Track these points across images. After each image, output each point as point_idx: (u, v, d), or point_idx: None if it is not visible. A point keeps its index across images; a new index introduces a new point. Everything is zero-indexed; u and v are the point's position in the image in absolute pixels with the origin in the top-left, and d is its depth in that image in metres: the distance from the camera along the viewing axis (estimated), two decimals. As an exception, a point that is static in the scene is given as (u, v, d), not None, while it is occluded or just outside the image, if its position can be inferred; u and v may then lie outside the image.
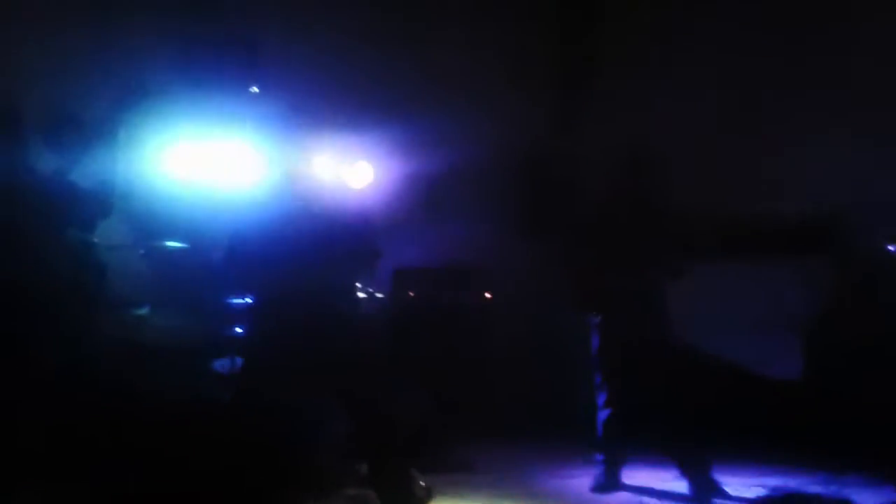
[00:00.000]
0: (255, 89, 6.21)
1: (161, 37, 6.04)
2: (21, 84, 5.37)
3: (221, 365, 4.98)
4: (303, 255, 3.73)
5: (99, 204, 4.15)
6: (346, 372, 3.71)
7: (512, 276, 7.08)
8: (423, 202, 6.84)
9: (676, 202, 4.99)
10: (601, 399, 5.02)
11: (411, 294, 6.89)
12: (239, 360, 4.64)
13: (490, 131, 6.96)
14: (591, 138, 6.99)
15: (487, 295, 7.03)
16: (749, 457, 5.33)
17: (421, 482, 4.15)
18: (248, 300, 4.53)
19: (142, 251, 5.27)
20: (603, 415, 5.02)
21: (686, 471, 4.78)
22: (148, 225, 5.37)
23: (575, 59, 7.41)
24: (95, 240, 4.73)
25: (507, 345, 6.98)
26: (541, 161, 7.31)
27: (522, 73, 7.39)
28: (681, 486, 4.79)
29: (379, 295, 5.62)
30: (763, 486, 4.55)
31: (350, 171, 5.28)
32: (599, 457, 5.03)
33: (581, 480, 5.07)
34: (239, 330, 4.85)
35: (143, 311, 5.21)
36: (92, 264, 4.74)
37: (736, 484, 4.76)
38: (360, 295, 4.68)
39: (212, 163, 5.35)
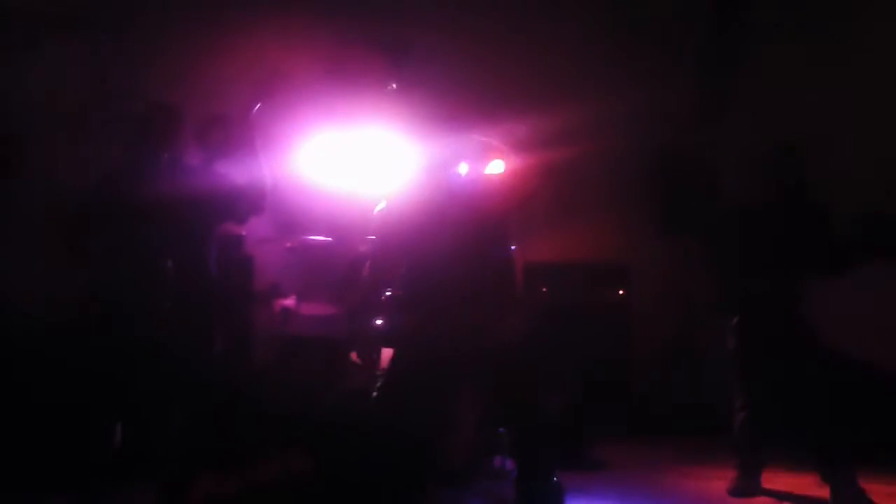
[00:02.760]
0: (393, 86, 6.34)
1: (304, 34, 6.22)
2: (173, 83, 5.66)
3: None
4: (448, 246, 3.79)
5: (251, 199, 4.30)
6: (496, 367, 3.75)
7: (648, 273, 7.00)
8: (556, 197, 6.80)
9: (829, 197, 4.79)
10: (738, 401, 4.92)
11: (544, 290, 6.91)
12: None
13: (629, 123, 6.84)
14: (736, 131, 6.71)
15: (621, 292, 6.97)
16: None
17: (554, 478, 4.16)
18: (395, 292, 4.62)
19: (288, 245, 5.47)
20: (740, 417, 4.91)
21: (829, 478, 4.65)
22: (293, 219, 5.56)
23: (720, 44, 7.13)
24: (244, 233, 4.97)
25: (643, 343, 6.91)
26: (681, 155, 7.11)
27: (663, 61, 7.22)
28: (823, 492, 4.66)
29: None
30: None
31: (488, 166, 5.31)
32: (737, 460, 4.94)
33: (719, 483, 4.98)
34: (380, 322, 4.96)
35: (289, 301, 5.41)
36: (242, 257, 4.97)
37: (882, 493, 4.60)
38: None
39: (356, 158, 5.50)
